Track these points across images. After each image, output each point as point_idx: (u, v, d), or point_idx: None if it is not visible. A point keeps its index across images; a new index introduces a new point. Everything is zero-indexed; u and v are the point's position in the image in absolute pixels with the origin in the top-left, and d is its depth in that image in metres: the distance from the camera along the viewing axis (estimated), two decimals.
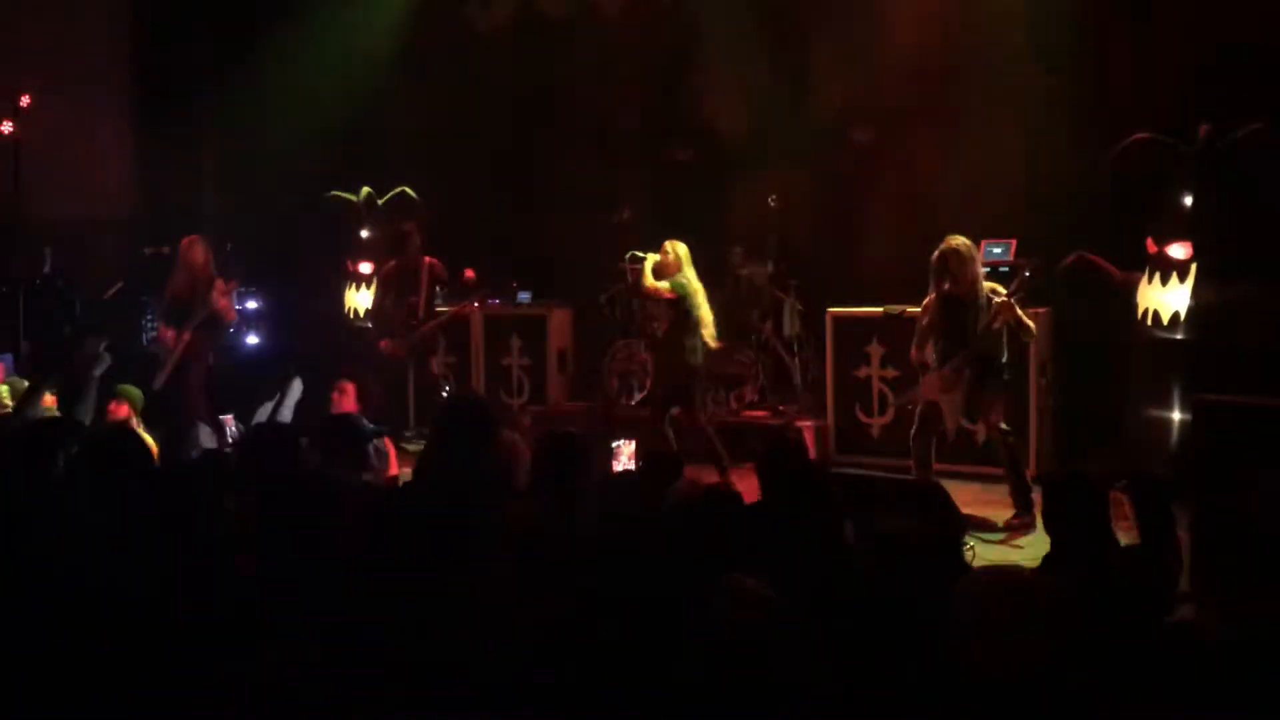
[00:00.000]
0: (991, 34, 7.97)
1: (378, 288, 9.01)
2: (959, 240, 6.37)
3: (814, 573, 3.16)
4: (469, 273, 8.71)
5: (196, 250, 7.93)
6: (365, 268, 9.64)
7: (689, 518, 3.36)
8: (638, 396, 9.01)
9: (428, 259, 8.60)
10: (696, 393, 7.40)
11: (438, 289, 8.71)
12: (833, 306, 8.21)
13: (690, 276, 7.28)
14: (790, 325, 8.69)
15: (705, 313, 7.30)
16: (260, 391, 6.47)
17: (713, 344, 7.34)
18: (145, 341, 9.54)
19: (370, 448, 5.19)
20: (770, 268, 8.76)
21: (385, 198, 9.60)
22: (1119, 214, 7.31)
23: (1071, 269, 7.14)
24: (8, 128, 10.22)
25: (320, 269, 9.99)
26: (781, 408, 8.49)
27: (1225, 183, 6.65)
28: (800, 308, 8.64)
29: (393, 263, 8.74)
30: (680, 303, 7.26)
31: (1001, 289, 6.34)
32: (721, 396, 8.71)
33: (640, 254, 7.61)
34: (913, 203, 8.18)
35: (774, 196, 8.57)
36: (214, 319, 7.89)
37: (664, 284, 7.28)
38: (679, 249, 7.34)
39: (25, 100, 10.22)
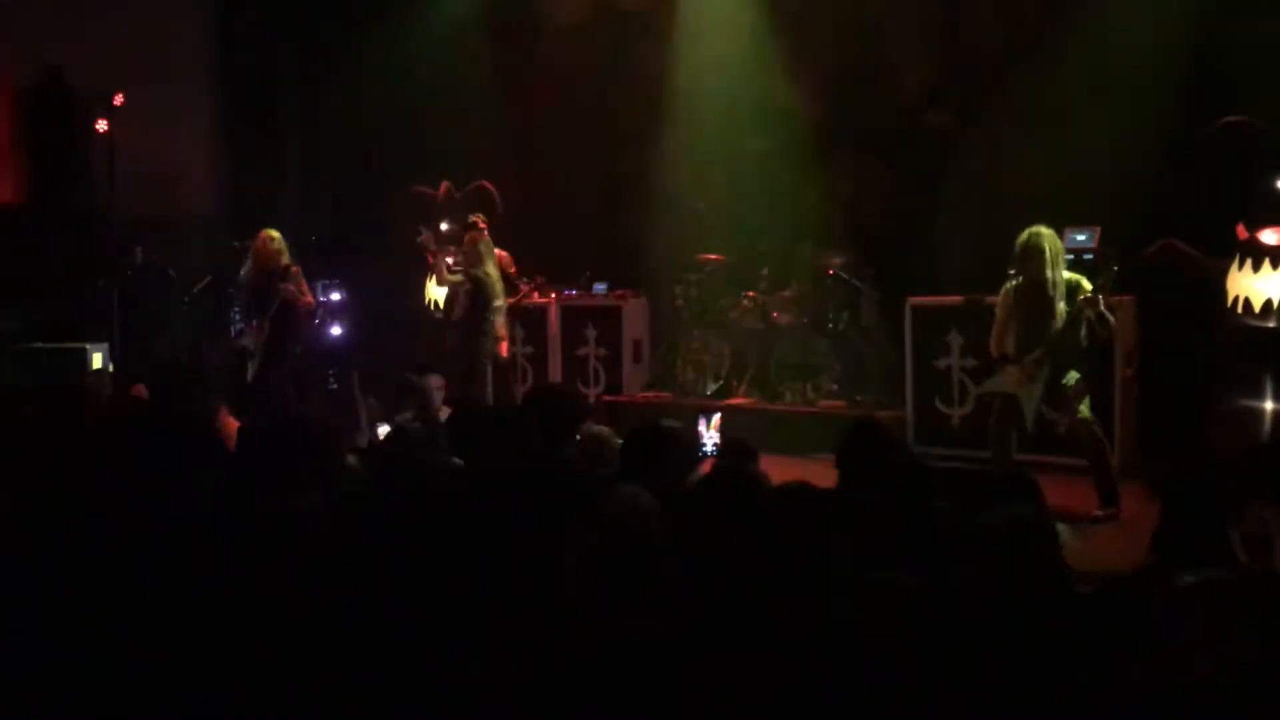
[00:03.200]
0: (1075, 14, 7.79)
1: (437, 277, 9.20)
2: (1042, 231, 6.23)
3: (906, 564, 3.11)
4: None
5: (267, 243, 8.09)
6: (445, 259, 9.77)
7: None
8: (713, 387, 9.00)
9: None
10: (481, 373, 8.34)
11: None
12: (912, 295, 8.10)
13: (490, 269, 8.24)
14: (867, 315, 8.60)
15: (500, 302, 8.24)
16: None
17: (501, 333, 8.35)
18: (234, 334, 9.77)
19: None
20: (847, 257, 8.69)
21: (464, 190, 9.71)
22: (1208, 198, 7.10)
23: (1158, 256, 6.95)
24: (103, 126, 10.54)
25: (401, 261, 10.14)
26: (859, 398, 8.41)
27: None
28: (878, 297, 8.55)
29: (458, 253, 8.85)
30: (476, 292, 8.18)
31: (1087, 282, 6.18)
32: (798, 387, 8.66)
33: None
34: (994, 188, 8.02)
35: (849, 184, 8.49)
36: (289, 308, 8.05)
37: (457, 276, 8.43)
38: (480, 244, 8.25)
39: (119, 99, 10.52)
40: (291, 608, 2.82)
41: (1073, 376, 6.22)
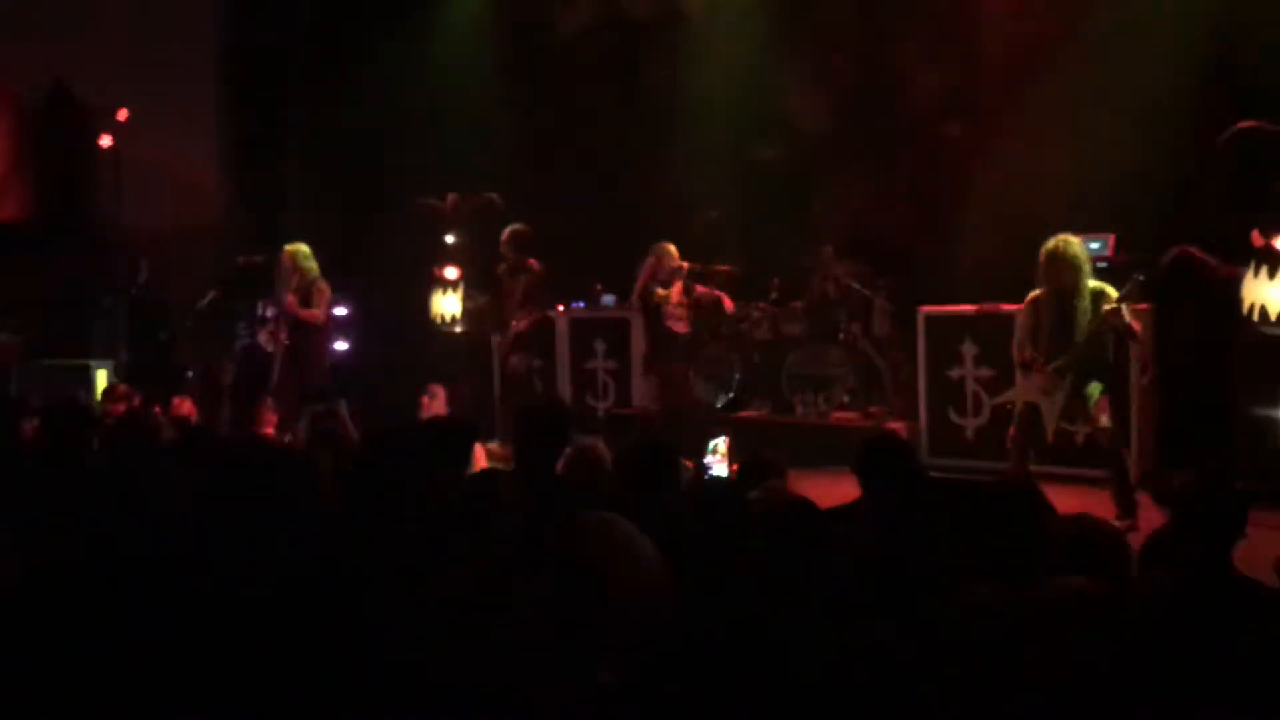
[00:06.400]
0: (1088, 21, 7.75)
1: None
2: (1070, 239, 6.15)
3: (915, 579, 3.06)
4: None
5: (282, 260, 8.17)
6: (451, 273, 9.69)
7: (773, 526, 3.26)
8: (724, 400, 8.93)
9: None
10: None
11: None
12: (924, 305, 8.03)
13: None
14: (879, 325, 8.53)
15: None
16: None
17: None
18: (238, 349, 9.71)
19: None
20: (859, 267, 8.62)
21: (471, 203, 9.64)
22: (1223, 205, 7.04)
23: (1173, 264, 6.89)
24: (107, 141, 10.50)
25: (406, 275, 10.08)
26: (872, 410, 8.34)
27: None
28: (890, 307, 8.48)
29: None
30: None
31: (1111, 290, 6.10)
32: (810, 398, 8.59)
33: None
34: (1007, 197, 7.97)
35: (860, 193, 8.44)
36: (304, 326, 8.07)
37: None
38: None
39: (123, 114, 10.49)
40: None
41: (1096, 388, 6.15)
